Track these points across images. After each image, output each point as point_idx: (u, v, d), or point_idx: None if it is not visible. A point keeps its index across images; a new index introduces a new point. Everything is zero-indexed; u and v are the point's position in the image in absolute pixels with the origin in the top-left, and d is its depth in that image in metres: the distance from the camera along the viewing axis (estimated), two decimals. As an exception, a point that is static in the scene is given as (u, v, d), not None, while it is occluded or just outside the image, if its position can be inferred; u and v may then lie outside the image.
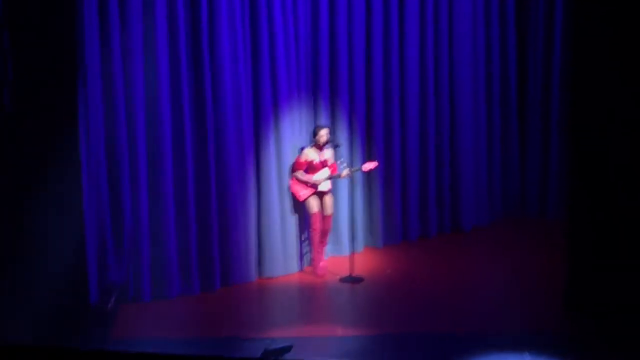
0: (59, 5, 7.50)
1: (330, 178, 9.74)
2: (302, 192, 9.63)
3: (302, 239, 9.96)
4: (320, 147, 9.69)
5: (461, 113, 11.36)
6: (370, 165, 9.91)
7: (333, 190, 9.97)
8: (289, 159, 9.74)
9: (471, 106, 11.44)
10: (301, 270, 9.93)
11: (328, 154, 9.79)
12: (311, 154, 9.67)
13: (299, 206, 9.79)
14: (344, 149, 10.11)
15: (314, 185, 9.62)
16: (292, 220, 9.85)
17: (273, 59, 9.54)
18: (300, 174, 9.63)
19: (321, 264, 9.76)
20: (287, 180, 9.72)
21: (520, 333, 7.72)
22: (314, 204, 9.65)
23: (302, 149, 9.79)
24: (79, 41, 7.82)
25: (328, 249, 10.12)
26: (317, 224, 9.69)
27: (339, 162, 9.76)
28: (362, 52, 10.46)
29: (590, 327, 7.67)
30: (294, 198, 9.72)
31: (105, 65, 8.37)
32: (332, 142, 9.80)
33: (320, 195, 9.70)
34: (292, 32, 9.71)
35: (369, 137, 10.63)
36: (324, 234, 9.82)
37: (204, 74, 9.00)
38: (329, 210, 9.77)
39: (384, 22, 10.59)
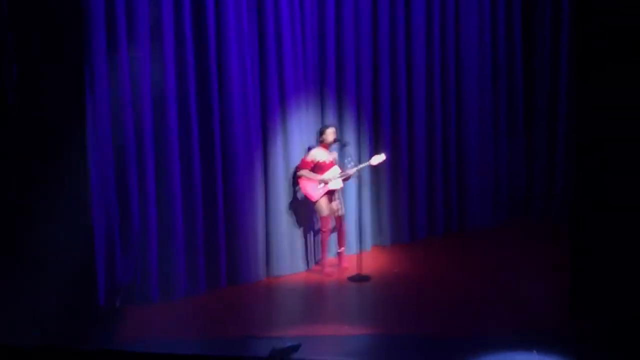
0: (65, 6, 7.51)
1: (343, 178, 9.69)
2: (316, 193, 9.61)
3: (310, 237, 9.96)
4: (327, 147, 9.68)
5: (468, 114, 11.37)
6: (378, 159, 9.88)
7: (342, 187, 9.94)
8: (296, 158, 9.74)
9: (477, 107, 11.44)
10: (308, 269, 9.93)
11: (334, 154, 9.79)
12: (319, 154, 9.66)
13: (307, 205, 9.78)
14: (351, 148, 10.10)
15: (326, 184, 9.59)
16: (300, 219, 9.85)
17: (280, 57, 9.55)
18: (306, 172, 9.61)
19: (327, 269, 9.74)
20: (295, 180, 9.72)
21: (527, 334, 7.69)
22: (324, 206, 9.63)
23: (309, 148, 9.78)
24: (85, 42, 7.83)
25: (335, 247, 10.09)
26: (327, 227, 9.67)
27: (346, 160, 9.75)
28: (369, 50, 10.47)
29: (596, 328, 7.64)
30: (307, 199, 9.70)
31: (112, 66, 8.35)
32: (340, 141, 9.80)
33: (331, 195, 9.68)
34: (299, 30, 9.71)
35: (376, 137, 10.64)
36: (340, 235, 9.80)
37: (211, 74, 9.00)
38: (339, 211, 9.75)
39: (390, 20, 10.60)
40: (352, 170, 9.69)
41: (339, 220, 9.78)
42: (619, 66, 7.40)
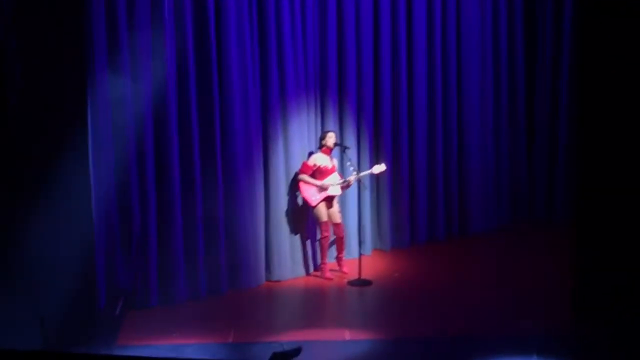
0: (67, 9, 7.50)
1: (343, 186, 9.67)
2: (314, 198, 9.59)
3: (310, 242, 9.95)
4: (329, 152, 9.67)
5: (469, 117, 11.35)
6: (379, 168, 9.86)
7: (341, 194, 9.93)
8: (296, 163, 9.73)
9: (479, 110, 11.43)
10: (309, 273, 9.91)
11: (335, 160, 9.79)
12: (320, 159, 9.64)
13: (307, 210, 9.77)
14: (352, 153, 10.10)
15: (325, 189, 9.57)
16: (300, 224, 9.84)
17: (281, 62, 9.55)
18: (306, 177, 9.60)
19: (327, 274, 9.72)
20: (295, 184, 9.71)
21: (529, 336, 7.69)
22: (323, 212, 9.61)
23: (311, 153, 9.77)
24: (87, 44, 7.82)
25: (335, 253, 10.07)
26: (327, 232, 9.66)
27: (347, 164, 9.74)
28: (370, 55, 10.45)
29: (598, 329, 7.64)
30: (305, 203, 9.70)
31: (113, 69, 8.36)
32: (340, 145, 9.79)
33: (329, 201, 9.66)
34: (300, 35, 9.70)
35: (377, 141, 10.62)
36: (339, 241, 9.79)
37: (212, 78, 9.00)
38: (337, 218, 9.74)
39: (391, 24, 10.58)
40: (352, 178, 9.67)
41: (338, 226, 9.75)
42: (621, 65, 7.41)
